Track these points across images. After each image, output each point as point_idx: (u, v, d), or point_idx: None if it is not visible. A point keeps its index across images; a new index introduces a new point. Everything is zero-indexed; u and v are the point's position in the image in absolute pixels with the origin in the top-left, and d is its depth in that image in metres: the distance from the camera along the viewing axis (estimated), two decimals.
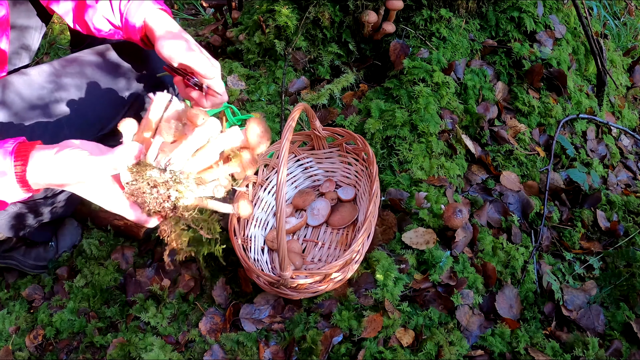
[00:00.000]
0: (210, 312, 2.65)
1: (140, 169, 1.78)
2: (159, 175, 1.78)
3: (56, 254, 3.02)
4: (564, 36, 3.64)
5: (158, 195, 1.79)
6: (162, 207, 1.81)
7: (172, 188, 1.79)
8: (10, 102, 2.34)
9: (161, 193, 1.79)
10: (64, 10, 2.47)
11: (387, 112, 3.17)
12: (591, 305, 2.69)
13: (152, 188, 1.78)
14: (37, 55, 4.87)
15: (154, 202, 1.80)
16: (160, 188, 1.78)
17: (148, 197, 1.79)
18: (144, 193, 1.79)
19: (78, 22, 2.47)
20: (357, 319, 2.50)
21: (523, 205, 3.09)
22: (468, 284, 2.66)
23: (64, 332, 2.72)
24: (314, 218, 2.97)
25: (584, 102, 3.63)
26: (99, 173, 1.75)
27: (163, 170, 1.78)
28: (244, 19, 3.84)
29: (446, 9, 3.39)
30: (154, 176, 1.77)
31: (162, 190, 1.78)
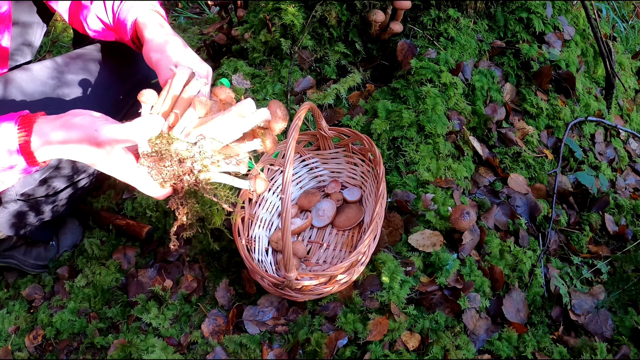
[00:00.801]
0: (213, 313, 2.63)
1: (164, 142, 1.78)
2: (187, 149, 1.78)
3: (57, 254, 3.02)
4: (572, 38, 3.61)
5: (179, 168, 1.79)
6: (181, 179, 1.82)
7: (197, 162, 1.79)
8: (12, 97, 2.35)
9: (186, 166, 1.79)
10: (63, 9, 2.46)
11: (394, 113, 3.15)
12: (599, 310, 2.67)
13: (176, 161, 1.78)
14: (39, 53, 4.89)
15: (172, 173, 1.81)
16: (186, 161, 1.78)
17: (168, 169, 1.80)
18: (165, 166, 1.79)
19: (73, 21, 2.48)
20: (363, 322, 2.47)
21: (531, 208, 3.06)
22: (475, 287, 2.64)
23: (64, 333, 2.71)
24: (319, 219, 2.95)
25: (593, 104, 3.60)
26: (113, 141, 1.73)
27: (193, 144, 1.78)
28: (250, 17, 3.81)
29: (454, 9, 3.37)
30: (180, 149, 1.77)
31: (187, 164, 1.79)
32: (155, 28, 2.20)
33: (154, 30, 2.20)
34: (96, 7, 2.34)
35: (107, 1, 2.31)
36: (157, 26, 2.21)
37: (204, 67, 2.12)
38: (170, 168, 1.79)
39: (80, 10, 2.39)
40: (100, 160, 1.79)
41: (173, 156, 1.78)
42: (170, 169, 1.80)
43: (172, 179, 1.82)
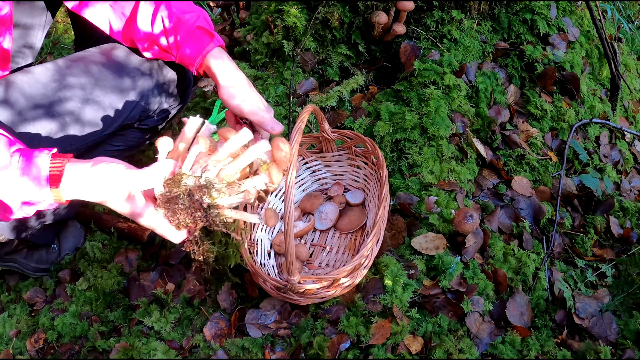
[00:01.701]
0: (215, 317, 2.62)
1: (175, 180, 1.88)
2: (194, 183, 1.88)
3: (58, 257, 3.01)
4: (577, 39, 3.60)
5: (191, 205, 1.88)
6: (194, 216, 1.91)
7: (205, 195, 1.88)
8: (13, 100, 2.34)
9: (195, 199, 1.88)
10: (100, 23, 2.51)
11: (397, 115, 3.14)
12: (603, 314, 2.66)
13: (186, 196, 1.87)
14: (40, 55, 4.88)
15: (186, 212, 1.90)
16: (195, 194, 1.87)
17: (181, 207, 1.89)
18: (177, 204, 1.89)
19: (125, 39, 2.54)
20: (365, 325, 2.45)
21: (535, 210, 3.05)
22: (478, 290, 2.62)
23: (66, 336, 2.70)
24: (322, 222, 2.94)
25: (597, 106, 3.59)
26: (134, 186, 1.89)
27: (199, 178, 1.88)
28: (252, 19, 3.81)
29: (458, 11, 3.36)
30: (189, 184, 1.87)
31: (196, 196, 1.87)
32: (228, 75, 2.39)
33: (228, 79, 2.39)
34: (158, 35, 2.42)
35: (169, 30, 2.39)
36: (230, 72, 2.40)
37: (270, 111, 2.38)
38: (183, 206, 1.89)
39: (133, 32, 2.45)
40: (122, 204, 1.94)
41: (183, 192, 1.87)
42: (183, 207, 1.89)
43: (186, 219, 1.92)
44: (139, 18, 2.37)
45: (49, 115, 2.39)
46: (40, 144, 2.36)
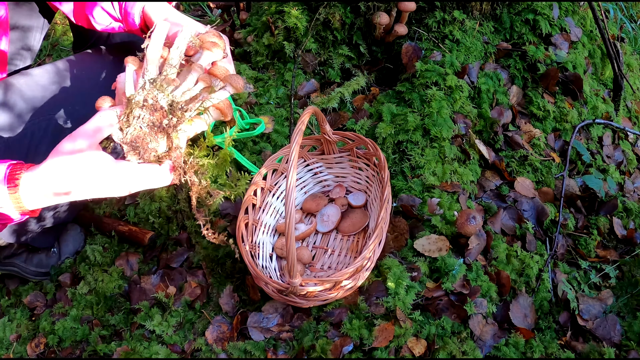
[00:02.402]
0: (217, 320, 2.61)
1: (127, 111, 1.76)
2: (143, 93, 1.75)
3: (59, 261, 3.00)
4: (580, 39, 3.59)
5: (153, 116, 1.75)
6: (163, 128, 1.77)
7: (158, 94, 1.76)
8: (12, 103, 2.35)
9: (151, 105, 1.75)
10: (68, 8, 2.45)
11: (398, 116, 3.13)
12: (607, 315, 2.65)
13: (142, 109, 1.74)
14: (39, 57, 4.89)
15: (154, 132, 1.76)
16: (148, 100, 1.75)
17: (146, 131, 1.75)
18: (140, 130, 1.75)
19: (79, 17, 2.46)
20: (368, 328, 2.45)
21: (538, 212, 3.04)
22: (481, 292, 2.61)
23: (67, 341, 2.70)
24: (324, 224, 2.93)
25: (600, 106, 3.57)
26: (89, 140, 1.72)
27: (142, 87, 1.76)
28: (252, 20, 3.80)
29: (459, 11, 3.35)
30: (139, 99, 1.74)
31: (150, 101, 1.74)
32: (164, 11, 2.20)
33: (162, 13, 2.19)
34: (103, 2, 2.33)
35: None
36: (166, 10, 2.20)
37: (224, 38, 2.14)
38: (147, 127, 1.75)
39: (85, 6, 2.37)
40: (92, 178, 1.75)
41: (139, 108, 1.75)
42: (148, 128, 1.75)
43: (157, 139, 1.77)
44: None
45: (48, 118, 2.39)
46: (39, 146, 2.37)
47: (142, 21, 2.30)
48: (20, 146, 2.33)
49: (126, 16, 2.30)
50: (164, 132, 1.78)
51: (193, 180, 1.91)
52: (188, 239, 2.92)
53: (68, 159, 1.71)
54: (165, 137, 1.79)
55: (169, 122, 1.77)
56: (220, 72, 1.94)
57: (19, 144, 2.33)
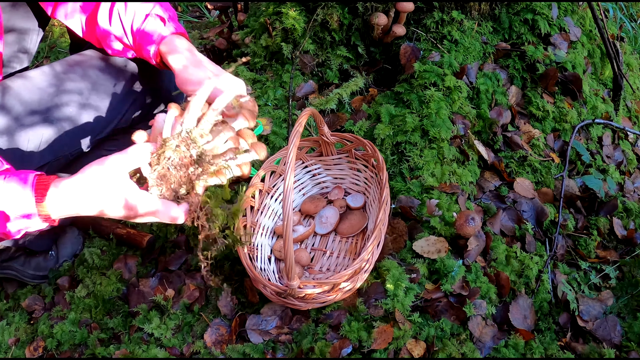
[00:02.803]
0: (216, 323, 2.61)
1: (159, 151, 1.89)
2: (177, 140, 1.89)
3: (57, 264, 2.99)
4: (579, 39, 3.58)
5: (181, 161, 1.89)
6: (187, 174, 1.92)
7: (191, 144, 1.90)
8: (9, 106, 2.35)
9: (182, 152, 1.89)
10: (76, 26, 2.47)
11: (397, 117, 3.12)
12: (607, 316, 2.65)
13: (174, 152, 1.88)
14: (36, 59, 4.88)
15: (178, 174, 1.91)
16: (181, 146, 1.89)
17: (172, 171, 1.90)
18: (167, 169, 1.89)
19: (89, 38, 2.50)
20: (367, 330, 2.44)
21: (537, 212, 3.03)
22: (481, 293, 2.61)
23: (65, 344, 2.69)
24: (322, 226, 2.92)
25: (600, 106, 3.57)
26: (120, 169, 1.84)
27: (179, 133, 1.90)
28: (250, 21, 3.80)
29: (458, 11, 3.34)
30: (173, 143, 1.89)
31: (182, 148, 1.88)
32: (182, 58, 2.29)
33: (181, 63, 2.28)
34: (115, 29, 2.37)
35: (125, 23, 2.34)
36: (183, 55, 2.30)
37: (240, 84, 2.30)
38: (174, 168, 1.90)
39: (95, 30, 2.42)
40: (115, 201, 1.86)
41: (171, 150, 1.88)
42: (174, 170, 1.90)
43: (180, 181, 1.92)
44: (99, 15, 2.35)
45: (46, 121, 2.40)
46: (37, 149, 2.37)
47: (159, 58, 2.37)
48: (17, 149, 2.33)
49: (140, 48, 2.36)
50: (188, 178, 1.92)
51: (204, 225, 2.02)
52: (186, 242, 2.91)
53: (97, 179, 1.84)
54: (187, 182, 1.93)
55: (194, 170, 1.92)
56: (249, 138, 2.08)
57: (15, 146, 2.33)
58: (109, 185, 1.83)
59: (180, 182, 1.92)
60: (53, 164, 2.50)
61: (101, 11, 2.35)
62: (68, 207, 1.87)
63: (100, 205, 1.87)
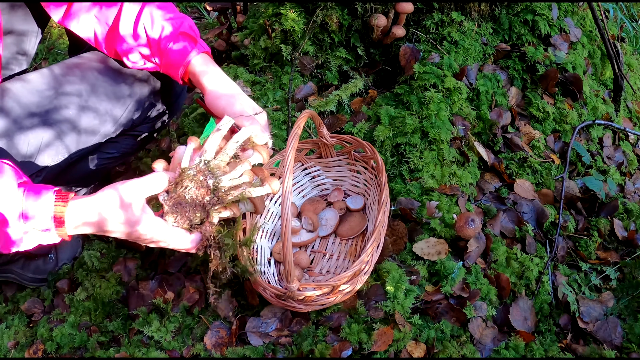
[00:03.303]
0: (216, 325, 2.60)
1: (177, 180, 1.97)
2: (195, 170, 1.96)
3: (56, 267, 2.99)
4: (579, 40, 3.58)
5: (197, 190, 1.95)
6: (202, 204, 1.97)
7: (208, 177, 1.95)
8: (8, 108, 2.35)
9: (200, 180, 1.95)
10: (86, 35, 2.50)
11: (397, 119, 3.12)
12: (608, 317, 2.64)
13: (191, 182, 1.94)
14: (35, 61, 4.88)
15: (193, 204, 1.97)
16: (199, 176, 1.95)
17: (188, 201, 1.96)
18: (184, 199, 1.96)
19: (108, 49, 2.53)
20: (367, 332, 2.44)
21: (537, 214, 3.03)
22: (481, 295, 2.60)
23: (65, 347, 2.68)
24: (322, 228, 2.92)
25: (600, 107, 3.56)
26: (137, 195, 1.91)
27: (198, 164, 1.98)
28: (249, 22, 3.80)
29: (458, 12, 3.33)
30: (191, 173, 1.96)
31: (200, 177, 1.94)
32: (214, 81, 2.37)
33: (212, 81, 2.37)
34: (139, 44, 2.41)
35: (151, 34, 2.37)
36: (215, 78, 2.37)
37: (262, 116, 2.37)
38: (189, 197, 1.96)
39: (116, 42, 2.44)
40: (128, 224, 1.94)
41: (189, 180, 1.94)
42: (190, 200, 1.97)
43: (195, 212, 1.98)
44: (122, 26, 2.36)
45: (45, 124, 2.40)
46: (37, 152, 2.36)
47: (186, 76, 2.43)
48: (16, 152, 2.33)
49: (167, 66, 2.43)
50: (203, 208, 1.98)
51: (216, 254, 2.09)
52: None
53: (114, 202, 1.91)
54: (202, 212, 1.99)
55: (210, 200, 1.97)
56: (263, 174, 2.13)
57: (16, 149, 2.33)
58: (125, 210, 1.90)
59: (195, 211, 1.97)
60: (53, 168, 2.49)
61: (124, 22, 2.37)
62: (84, 226, 1.94)
63: (114, 227, 1.94)
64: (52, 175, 2.52)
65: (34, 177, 2.42)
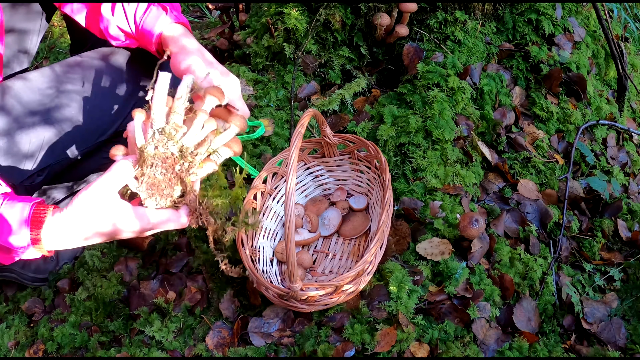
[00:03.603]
0: (218, 325, 2.59)
1: (140, 163, 1.84)
2: (154, 144, 1.83)
3: (57, 266, 2.98)
4: (583, 39, 3.56)
5: (167, 167, 1.84)
6: (175, 173, 1.86)
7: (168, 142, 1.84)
8: (9, 107, 2.34)
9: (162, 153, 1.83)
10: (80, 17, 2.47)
11: (400, 118, 3.11)
12: (612, 318, 2.63)
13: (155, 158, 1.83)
14: (36, 60, 4.88)
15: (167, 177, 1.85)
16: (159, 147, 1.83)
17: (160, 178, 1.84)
18: (154, 177, 1.84)
19: (92, 28, 2.48)
20: (370, 333, 2.43)
21: (541, 214, 3.02)
22: (485, 296, 2.59)
23: (66, 347, 2.67)
24: (325, 228, 2.91)
25: (604, 107, 3.55)
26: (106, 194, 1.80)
27: (152, 135, 1.84)
28: (252, 21, 3.79)
29: (461, 11, 3.33)
30: (150, 149, 1.83)
31: (161, 149, 1.83)
32: (181, 44, 2.28)
33: (179, 47, 2.27)
34: (117, 18, 2.36)
35: (129, 12, 2.33)
36: (183, 42, 2.28)
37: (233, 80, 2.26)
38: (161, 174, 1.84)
39: (99, 20, 2.40)
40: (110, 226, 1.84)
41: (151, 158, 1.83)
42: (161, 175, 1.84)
43: (171, 183, 1.86)
44: (103, 5, 2.34)
45: (46, 122, 2.39)
46: (38, 151, 2.35)
47: (159, 45, 2.37)
48: (17, 151, 2.32)
49: (142, 36, 2.36)
50: (178, 178, 1.87)
51: (209, 221, 1.97)
52: (188, 244, 2.89)
53: (87, 209, 1.81)
54: (179, 182, 1.88)
55: (181, 167, 1.86)
56: (223, 115, 2.03)
57: (16, 148, 2.31)
58: (100, 213, 1.81)
59: (171, 185, 1.87)
60: (54, 167, 2.49)
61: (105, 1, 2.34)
62: (63, 242, 1.86)
63: (96, 234, 1.86)
64: (54, 175, 2.51)
65: (36, 176, 2.42)
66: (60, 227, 1.81)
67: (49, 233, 1.81)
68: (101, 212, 1.80)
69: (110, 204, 1.81)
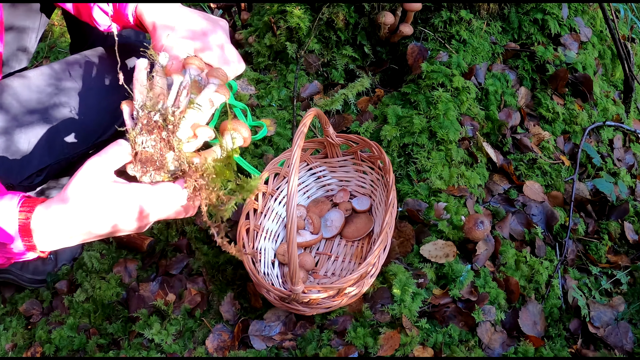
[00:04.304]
0: (218, 328, 2.57)
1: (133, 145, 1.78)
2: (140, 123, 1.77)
3: (55, 267, 2.97)
4: (589, 40, 3.55)
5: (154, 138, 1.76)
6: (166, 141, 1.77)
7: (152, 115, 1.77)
8: (8, 106, 2.33)
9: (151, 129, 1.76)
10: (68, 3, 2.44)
11: (404, 119, 3.09)
12: (619, 322, 2.61)
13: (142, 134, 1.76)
14: (36, 59, 4.88)
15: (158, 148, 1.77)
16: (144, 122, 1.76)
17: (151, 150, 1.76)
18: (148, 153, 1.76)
19: (81, 15, 2.44)
20: (373, 336, 2.41)
21: (547, 216, 3.00)
22: (490, 299, 2.57)
23: (64, 350, 2.66)
24: (327, 230, 2.89)
25: (611, 108, 3.54)
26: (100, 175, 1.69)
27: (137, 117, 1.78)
28: (254, 20, 3.78)
29: (466, 11, 3.31)
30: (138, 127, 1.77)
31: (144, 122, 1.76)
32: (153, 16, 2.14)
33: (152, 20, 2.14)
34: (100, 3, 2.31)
35: None
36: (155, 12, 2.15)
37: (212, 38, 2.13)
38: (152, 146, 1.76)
39: (87, 6, 2.35)
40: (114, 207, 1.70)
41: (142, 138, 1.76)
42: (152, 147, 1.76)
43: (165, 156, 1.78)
44: None
45: (45, 121, 2.38)
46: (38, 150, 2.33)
47: (137, 20, 2.25)
48: (16, 150, 2.32)
49: (119, 14, 2.25)
50: (167, 144, 1.78)
51: (201, 183, 1.83)
52: (188, 245, 2.88)
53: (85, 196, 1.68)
54: (169, 149, 1.79)
55: (167, 132, 1.77)
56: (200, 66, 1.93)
57: (14, 147, 2.31)
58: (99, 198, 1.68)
59: (164, 154, 1.77)
60: (54, 167, 2.48)
61: None
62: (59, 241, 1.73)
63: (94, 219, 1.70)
64: (53, 175, 2.50)
65: (35, 176, 2.41)
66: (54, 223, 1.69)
67: (42, 236, 1.70)
68: (97, 196, 1.67)
69: (106, 186, 1.69)
